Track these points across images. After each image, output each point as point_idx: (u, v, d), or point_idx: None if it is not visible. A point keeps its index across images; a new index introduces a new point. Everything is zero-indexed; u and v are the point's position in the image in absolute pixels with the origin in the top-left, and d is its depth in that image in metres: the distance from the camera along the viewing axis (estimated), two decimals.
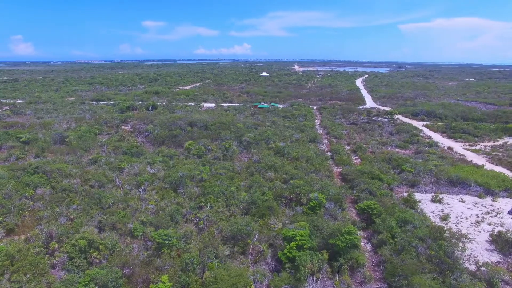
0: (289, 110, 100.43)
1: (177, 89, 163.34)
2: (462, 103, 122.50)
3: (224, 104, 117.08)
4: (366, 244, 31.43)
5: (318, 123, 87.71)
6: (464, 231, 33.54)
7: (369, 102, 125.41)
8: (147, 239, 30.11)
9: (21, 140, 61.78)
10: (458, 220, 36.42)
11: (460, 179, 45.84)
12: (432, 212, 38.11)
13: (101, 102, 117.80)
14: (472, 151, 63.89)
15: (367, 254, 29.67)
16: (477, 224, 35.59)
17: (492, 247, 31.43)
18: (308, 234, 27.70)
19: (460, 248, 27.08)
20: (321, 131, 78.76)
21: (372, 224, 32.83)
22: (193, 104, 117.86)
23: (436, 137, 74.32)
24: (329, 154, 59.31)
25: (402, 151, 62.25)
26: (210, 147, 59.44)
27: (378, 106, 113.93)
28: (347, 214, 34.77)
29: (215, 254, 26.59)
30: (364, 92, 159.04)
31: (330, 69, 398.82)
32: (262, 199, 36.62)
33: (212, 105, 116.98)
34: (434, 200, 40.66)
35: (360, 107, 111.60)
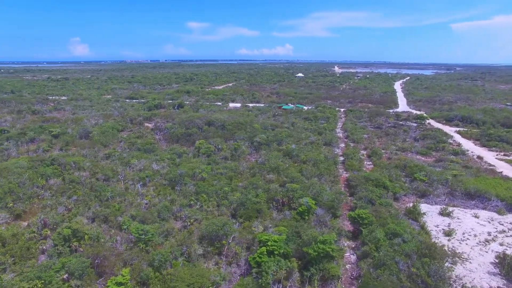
0: (312, 112, 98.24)
1: (209, 89, 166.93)
2: (511, 108, 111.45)
3: (250, 105, 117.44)
4: (351, 255, 29.76)
5: (340, 126, 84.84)
6: (467, 250, 30.49)
7: (402, 106, 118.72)
8: (130, 233, 31.05)
9: (52, 134, 66.92)
10: (464, 237, 33.13)
11: (478, 192, 41.76)
12: (437, 226, 35.07)
13: (134, 100, 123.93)
14: (507, 161, 57.85)
15: (348, 266, 28.11)
16: (486, 243, 32.10)
17: (497, 270, 28.20)
18: (283, 240, 26.82)
19: (446, 267, 24.53)
20: (341, 134, 76.08)
21: (361, 235, 30.99)
22: (219, 103, 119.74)
23: (467, 144, 68.33)
24: (342, 158, 57.09)
25: (423, 158, 58.10)
26: (220, 146, 59.99)
27: (410, 110, 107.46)
28: (336, 222, 33.13)
29: (187, 253, 26.76)
30: (399, 94, 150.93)
31: (370, 71, 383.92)
32: (253, 201, 36.16)
33: (238, 105, 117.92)
34: (442, 213, 37.39)
35: (391, 110, 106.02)
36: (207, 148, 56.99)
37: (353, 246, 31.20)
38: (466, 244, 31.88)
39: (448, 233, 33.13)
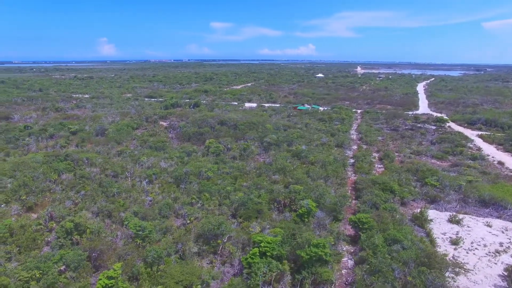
0: (328, 113, 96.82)
1: (227, 89, 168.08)
2: None
3: (266, 105, 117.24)
4: (349, 260, 29.05)
5: (355, 128, 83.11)
6: (473, 260, 29.05)
7: (423, 108, 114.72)
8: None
9: (70, 130, 69.56)
10: (472, 246, 31.56)
11: (494, 199, 39.71)
12: (444, 233, 33.61)
13: (153, 99, 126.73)
14: None
15: (344, 271, 27.47)
16: (496, 254, 30.43)
17: (504, 284, 26.68)
18: (277, 241, 26.55)
19: (446, 278, 23.43)
20: (354, 136, 74.51)
21: (360, 239, 30.19)
22: (235, 103, 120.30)
23: (489, 149, 65.06)
24: (352, 160, 55.91)
25: (438, 162, 55.90)
26: (230, 146, 60.25)
27: (430, 112, 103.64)
28: (336, 225, 32.43)
29: (182, 250, 27.05)
30: (421, 96, 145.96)
31: (393, 72, 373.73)
32: (254, 201, 36.06)
33: (254, 105, 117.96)
34: (452, 220, 35.79)
35: (410, 112, 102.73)
36: (216, 147, 57.39)
37: (352, 251, 30.46)
38: (474, 254, 30.35)
39: (455, 242, 31.67)
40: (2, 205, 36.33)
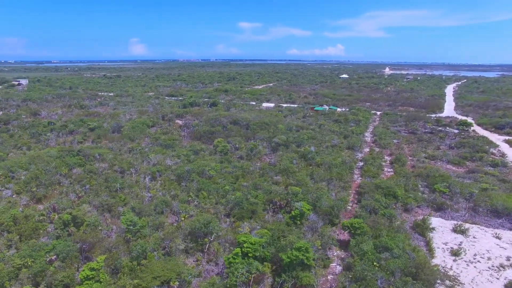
0: (344, 114, 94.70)
1: (247, 88, 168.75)
2: None
3: (284, 105, 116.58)
4: (338, 266, 28.25)
5: (371, 130, 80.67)
6: (473, 274, 27.33)
7: (448, 110, 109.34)
8: None
9: (89, 127, 72.64)
10: (475, 258, 29.69)
11: (507, 210, 37.16)
12: (445, 243, 31.86)
13: (173, 98, 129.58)
14: None
15: (330, 277, 26.75)
16: (500, 269, 28.44)
17: None
18: (262, 242, 26.31)
19: None
20: (369, 139, 72.36)
21: (349, 245, 29.28)
22: (254, 103, 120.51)
23: None
24: (361, 163, 54.34)
25: (453, 168, 53.08)
26: (238, 145, 60.44)
27: (455, 115, 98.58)
28: (328, 229, 31.61)
29: (169, 247, 27.50)
30: (448, 98, 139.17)
31: (423, 73, 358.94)
32: (250, 201, 35.97)
33: (272, 105, 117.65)
34: (456, 230, 33.87)
35: (433, 115, 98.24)
36: (224, 146, 57.77)
37: (342, 256, 29.61)
38: (475, 267, 28.54)
39: (456, 253, 29.94)
40: (10, 193, 38.63)
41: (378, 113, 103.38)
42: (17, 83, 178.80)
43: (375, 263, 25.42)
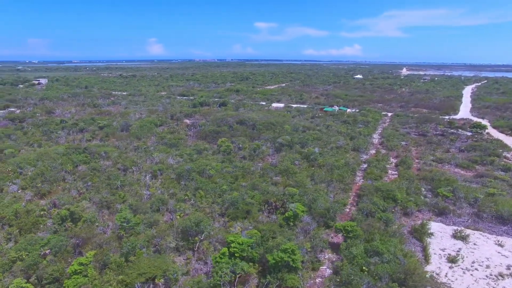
0: (353, 115, 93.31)
1: (259, 88, 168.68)
2: None
3: (294, 105, 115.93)
4: (328, 269, 27.85)
5: (380, 131, 79.14)
6: (469, 282, 26.39)
7: (464, 112, 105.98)
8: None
9: (99, 125, 74.39)
10: (472, 266, 28.66)
11: None
12: (443, 250, 30.89)
13: (185, 97, 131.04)
14: None
15: (319, 280, 26.40)
16: (499, 278, 27.36)
17: None
18: (250, 243, 26.25)
19: None
20: (376, 140, 71.02)
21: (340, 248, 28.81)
22: (263, 103, 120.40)
23: None
24: (365, 165, 53.39)
25: (461, 171, 51.40)
26: (241, 145, 60.51)
27: (470, 117, 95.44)
28: (320, 231, 31.21)
29: (159, 244, 27.83)
30: (465, 100, 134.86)
31: (441, 73, 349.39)
32: (245, 201, 35.96)
33: (282, 105, 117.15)
34: (456, 236, 32.79)
35: (446, 117, 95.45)
36: (227, 146, 57.96)
37: (334, 259, 29.16)
38: (471, 275, 27.55)
39: (453, 260, 28.98)
40: (16, 188, 39.93)
41: (389, 114, 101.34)
42: (37, 82, 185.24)
43: (364, 268, 24.94)
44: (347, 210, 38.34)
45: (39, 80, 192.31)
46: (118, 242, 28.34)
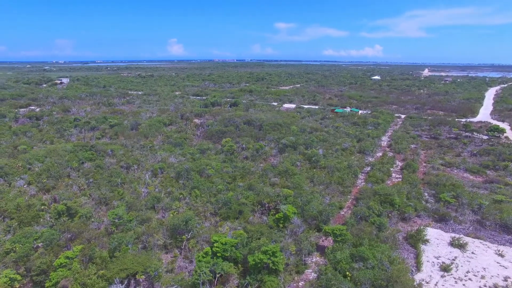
0: (364, 116, 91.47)
1: (273, 89, 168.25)
2: None
3: (305, 106, 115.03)
4: (312, 273, 27.42)
5: (390, 133, 77.19)
6: None
7: (483, 115, 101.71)
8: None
9: (110, 124, 76.41)
10: (466, 276, 27.46)
11: None
12: (437, 257, 29.77)
13: (198, 97, 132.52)
14: None
15: (301, 283, 26.04)
16: None
17: None
18: (233, 243, 26.26)
19: None
20: (385, 143, 69.33)
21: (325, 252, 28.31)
22: (275, 104, 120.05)
23: None
24: (369, 168, 52.26)
25: (471, 176, 49.35)
26: (245, 146, 60.59)
27: (490, 120, 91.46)
28: (309, 234, 30.77)
29: (147, 241, 28.31)
30: (487, 102, 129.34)
31: (465, 74, 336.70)
32: (238, 202, 36.01)
33: (293, 106, 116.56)
34: (453, 243, 31.53)
35: (463, 119, 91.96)
36: (230, 146, 58.19)
37: (321, 263, 28.69)
38: (463, 285, 26.40)
39: (445, 268, 27.89)
40: (23, 183, 41.58)
41: (403, 116, 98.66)
42: (59, 81, 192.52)
43: (348, 273, 24.42)
44: (343, 213, 37.66)
45: (61, 80, 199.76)
46: (108, 238, 29.02)
